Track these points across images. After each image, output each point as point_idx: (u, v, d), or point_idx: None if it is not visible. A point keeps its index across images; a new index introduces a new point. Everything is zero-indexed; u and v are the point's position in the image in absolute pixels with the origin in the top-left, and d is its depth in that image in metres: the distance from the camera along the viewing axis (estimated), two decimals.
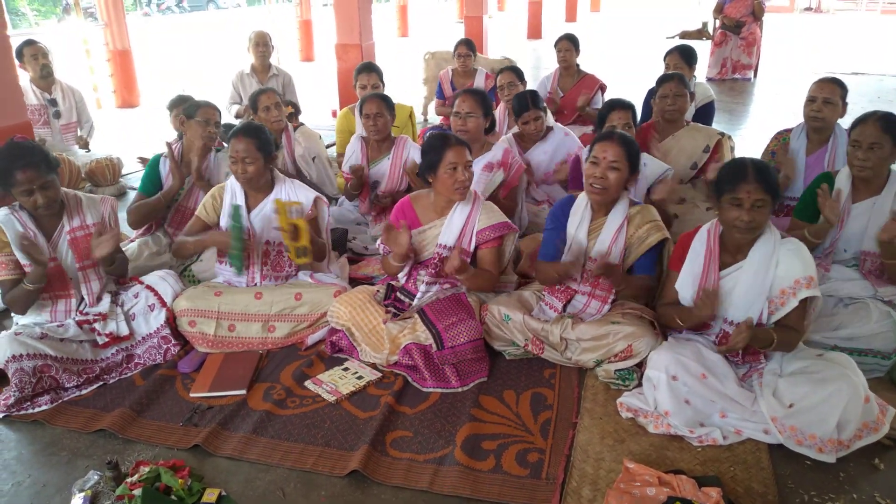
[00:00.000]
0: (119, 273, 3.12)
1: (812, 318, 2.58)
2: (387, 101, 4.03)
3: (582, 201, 2.92)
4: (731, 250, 2.55)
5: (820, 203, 2.87)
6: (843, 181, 2.95)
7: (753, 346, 2.46)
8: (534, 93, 4.09)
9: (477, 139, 3.71)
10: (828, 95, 3.42)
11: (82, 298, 2.98)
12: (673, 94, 3.97)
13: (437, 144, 2.96)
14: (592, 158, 2.79)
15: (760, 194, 2.35)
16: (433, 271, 3.02)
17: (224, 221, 3.21)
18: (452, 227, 3.02)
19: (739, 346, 2.34)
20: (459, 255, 2.83)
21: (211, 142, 3.68)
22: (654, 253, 2.87)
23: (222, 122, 3.85)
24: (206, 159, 3.72)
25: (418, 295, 3.05)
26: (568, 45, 5.73)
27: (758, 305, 2.46)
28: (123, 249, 3.25)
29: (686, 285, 2.60)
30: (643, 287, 2.88)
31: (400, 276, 3.13)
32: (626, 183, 2.83)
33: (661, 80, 4.06)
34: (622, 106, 3.59)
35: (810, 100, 3.48)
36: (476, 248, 3.04)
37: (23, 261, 2.79)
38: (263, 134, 3.12)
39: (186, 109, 3.70)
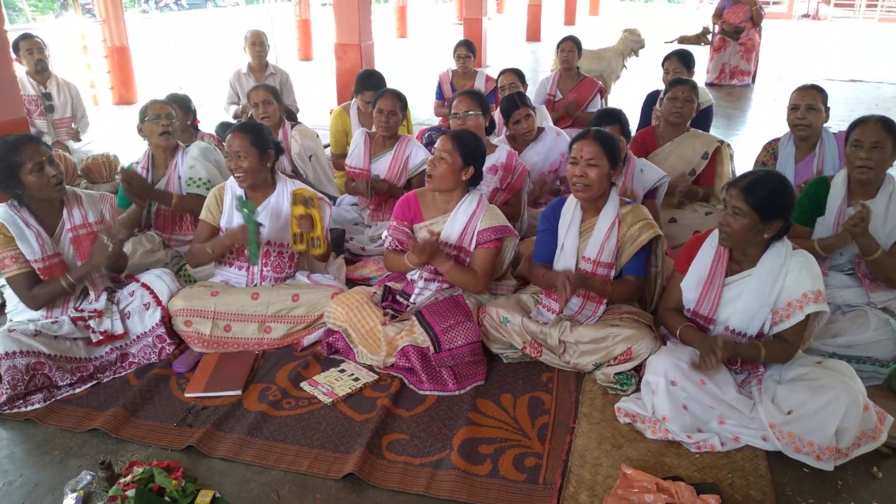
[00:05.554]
0: (119, 269, 3.12)
1: (815, 330, 2.57)
2: (401, 100, 4.06)
3: (572, 202, 2.94)
4: (738, 258, 2.54)
5: (853, 223, 2.69)
6: (839, 184, 2.93)
7: (740, 359, 2.48)
8: (520, 93, 4.16)
9: None
10: (810, 102, 3.44)
11: (82, 295, 2.96)
12: (683, 99, 3.97)
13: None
14: (571, 158, 2.83)
15: (738, 202, 2.38)
16: (432, 268, 3.02)
17: (224, 221, 3.20)
18: (456, 225, 3.03)
19: (712, 364, 2.35)
20: (430, 240, 2.88)
21: (169, 135, 3.61)
22: (644, 253, 2.87)
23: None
24: (174, 156, 3.69)
25: (415, 292, 3.04)
26: (571, 45, 5.75)
27: (761, 316, 2.45)
28: None
29: (691, 287, 2.60)
30: (632, 290, 2.88)
31: (409, 274, 3.13)
32: (611, 177, 2.85)
33: (675, 83, 4.05)
34: (610, 120, 3.44)
35: (793, 108, 3.51)
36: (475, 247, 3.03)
37: (29, 256, 2.77)
38: (260, 131, 3.11)
39: (139, 116, 3.66)
